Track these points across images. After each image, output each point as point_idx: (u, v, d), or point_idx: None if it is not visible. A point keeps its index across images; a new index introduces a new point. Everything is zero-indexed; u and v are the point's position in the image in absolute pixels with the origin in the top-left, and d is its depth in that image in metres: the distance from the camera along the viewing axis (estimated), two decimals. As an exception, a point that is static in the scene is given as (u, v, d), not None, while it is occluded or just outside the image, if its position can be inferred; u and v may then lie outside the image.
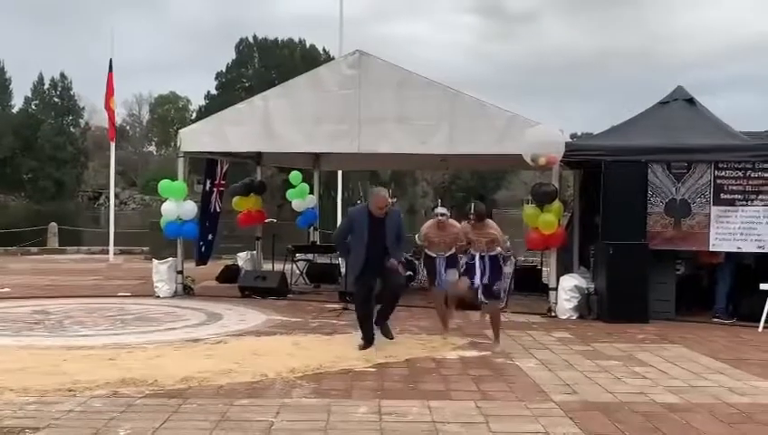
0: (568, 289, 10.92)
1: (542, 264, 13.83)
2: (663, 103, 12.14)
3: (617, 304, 10.45)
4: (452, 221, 9.53)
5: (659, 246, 10.69)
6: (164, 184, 12.85)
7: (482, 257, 8.69)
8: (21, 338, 8.81)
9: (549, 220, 10.89)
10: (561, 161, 11.04)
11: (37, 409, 5.78)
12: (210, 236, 13.89)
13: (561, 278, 11.09)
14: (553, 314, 10.94)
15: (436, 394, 6.42)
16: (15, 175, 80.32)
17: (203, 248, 13.72)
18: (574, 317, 10.80)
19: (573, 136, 18.08)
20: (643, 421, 5.74)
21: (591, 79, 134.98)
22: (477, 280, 8.64)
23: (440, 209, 9.50)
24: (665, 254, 10.79)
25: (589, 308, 10.87)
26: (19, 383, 6.42)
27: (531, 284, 13.33)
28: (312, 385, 6.70)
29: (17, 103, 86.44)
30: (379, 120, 11.64)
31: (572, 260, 12.15)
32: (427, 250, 9.48)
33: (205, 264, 14.00)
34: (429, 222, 9.48)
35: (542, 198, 11.04)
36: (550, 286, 11.33)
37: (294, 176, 15.54)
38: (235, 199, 14.46)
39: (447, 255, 9.35)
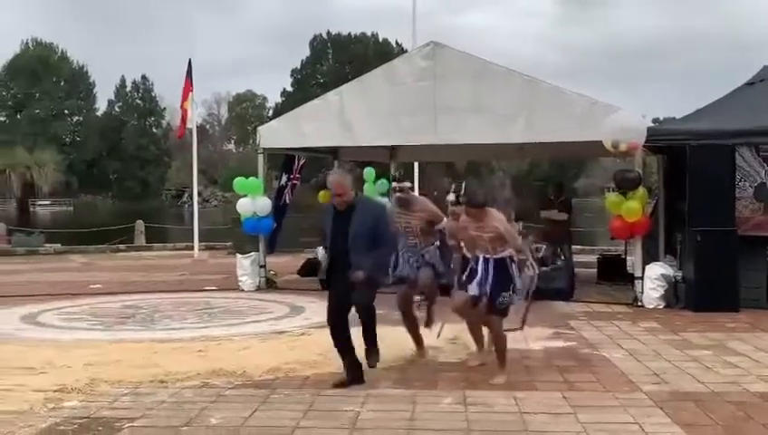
0: (654, 278, 10.67)
1: (626, 253, 13.56)
2: (749, 84, 11.75)
3: (705, 293, 10.15)
4: (420, 198, 7.73)
5: (749, 232, 10.34)
6: (239, 181, 13.12)
7: (486, 260, 6.60)
8: (113, 332, 9.12)
9: (633, 208, 10.66)
10: (643, 147, 10.78)
11: (132, 400, 5.98)
12: (275, 226, 14.03)
13: (647, 267, 10.84)
14: (639, 303, 10.71)
15: (522, 385, 6.38)
16: (102, 176, 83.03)
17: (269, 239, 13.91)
18: (661, 306, 10.55)
19: (655, 121, 17.63)
20: (735, 411, 5.59)
21: (671, 62, 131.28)
22: (474, 288, 6.62)
23: (402, 184, 7.47)
24: (755, 240, 10.44)
25: (676, 297, 10.60)
26: (113, 376, 6.64)
27: (615, 273, 13.08)
28: (396, 376, 6.74)
29: (101, 107, 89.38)
30: (456, 111, 11.58)
31: (658, 248, 11.85)
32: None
33: (271, 253, 14.15)
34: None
35: (626, 185, 10.81)
36: (635, 275, 11.10)
37: (368, 172, 15.61)
38: (322, 193, 14.61)
39: (423, 247, 7.41)
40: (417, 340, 7.50)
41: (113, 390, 6.25)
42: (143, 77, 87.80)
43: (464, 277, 6.78)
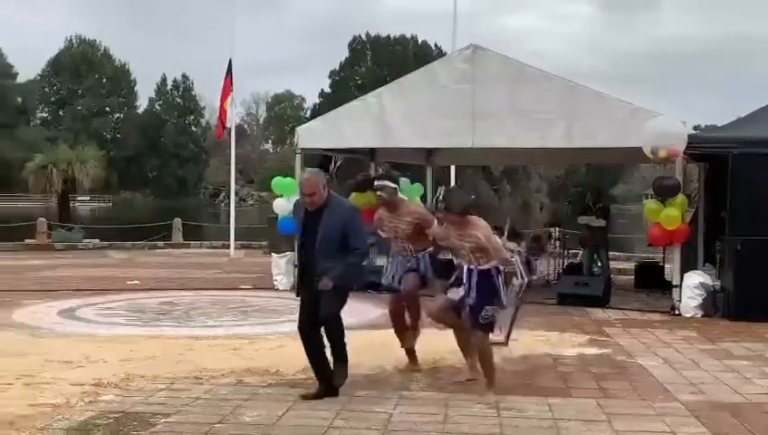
0: (692, 286, 10.52)
1: (663, 260, 13.39)
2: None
3: (745, 302, 10.00)
4: (411, 204, 7.10)
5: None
6: (277, 180, 13.22)
7: (469, 271, 6.16)
8: (150, 328, 9.22)
9: (672, 215, 10.52)
10: (684, 154, 10.64)
11: (167, 395, 6.03)
12: None
13: (686, 275, 10.69)
14: (677, 311, 10.57)
15: (556, 391, 6.33)
16: (141, 173, 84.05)
17: None
18: (699, 315, 10.39)
19: (696, 128, 17.39)
20: (775, 424, 5.49)
21: (713, 69, 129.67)
22: (457, 295, 6.25)
23: (382, 183, 6.87)
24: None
25: (714, 306, 10.44)
26: (149, 371, 6.71)
27: (653, 281, 12.92)
28: (428, 379, 6.73)
29: (142, 104, 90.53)
30: (494, 115, 11.53)
31: (696, 256, 11.69)
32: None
33: None
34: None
35: (665, 192, 10.67)
36: (673, 284, 10.95)
37: (403, 183, 15.57)
38: (353, 195, 14.64)
39: (413, 252, 6.82)
40: (410, 352, 7.04)
41: (149, 385, 6.31)
42: (183, 76, 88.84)
43: (449, 283, 6.40)
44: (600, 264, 13.21)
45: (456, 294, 6.21)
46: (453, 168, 19.12)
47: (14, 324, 9.33)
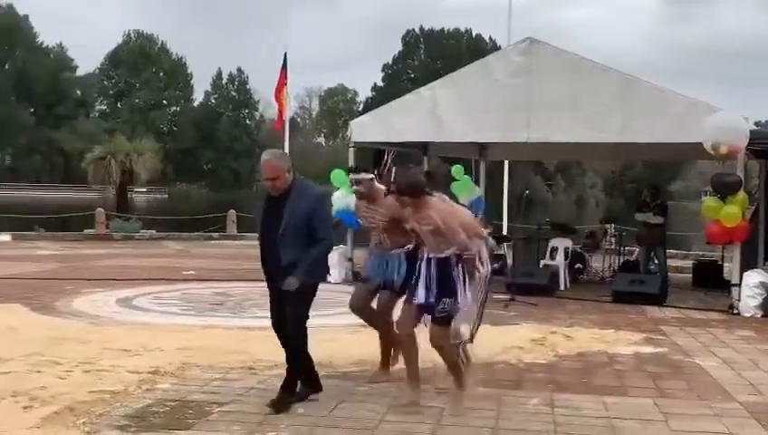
0: (752, 285, 10.27)
1: (722, 259, 13.11)
2: None
3: (808, 303, 9.73)
4: (384, 190, 6.28)
5: None
6: (336, 173, 13.25)
7: (428, 260, 5.50)
8: (204, 318, 9.35)
9: (732, 213, 10.28)
10: (745, 150, 10.39)
11: (221, 385, 6.11)
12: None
13: (745, 274, 10.44)
14: (736, 311, 10.33)
15: (611, 389, 6.24)
16: (196, 165, 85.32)
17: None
18: (759, 315, 10.14)
19: (758, 124, 16.98)
20: (840, 428, 5.33)
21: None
22: (421, 293, 5.48)
23: (358, 176, 6.36)
24: None
25: (775, 306, 10.19)
26: (204, 360, 6.81)
27: (711, 279, 12.67)
28: (481, 375, 6.66)
29: (198, 98, 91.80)
30: (550, 109, 11.39)
31: (757, 255, 11.42)
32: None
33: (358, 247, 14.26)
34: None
35: (725, 189, 10.43)
36: (732, 282, 10.71)
37: (457, 169, 15.53)
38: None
39: (388, 244, 6.21)
40: (385, 356, 6.46)
41: (204, 374, 6.40)
42: (239, 69, 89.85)
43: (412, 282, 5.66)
44: (656, 261, 12.97)
45: (421, 295, 5.47)
46: (506, 163, 18.96)
47: (75, 312, 9.54)
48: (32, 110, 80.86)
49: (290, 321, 5.48)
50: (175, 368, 6.53)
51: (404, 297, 5.75)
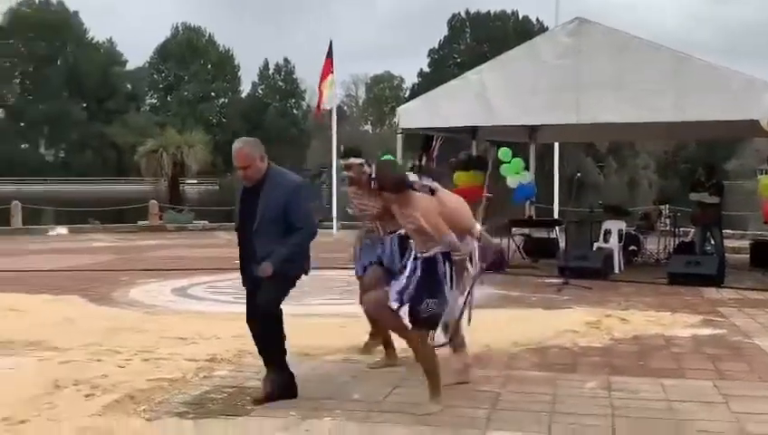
0: (813, 265, 10.02)
1: (780, 238, 12.81)
2: None
3: None
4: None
5: None
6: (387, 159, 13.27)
7: (415, 259, 5.20)
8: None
9: (790, 190, 10.04)
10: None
11: (276, 371, 6.15)
12: None
13: (805, 253, 10.19)
14: (796, 291, 10.10)
15: (669, 372, 6.15)
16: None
17: None
18: (820, 295, 9.90)
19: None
20: None
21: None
22: (395, 289, 5.20)
23: (348, 161, 6.21)
24: None
25: (837, 286, 9.93)
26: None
27: (769, 259, 12.38)
28: (534, 359, 6.64)
29: (245, 89, 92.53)
30: (600, 89, 11.21)
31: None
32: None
33: None
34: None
35: (783, 167, 10.18)
36: (791, 262, 10.46)
37: (504, 152, 15.40)
38: (457, 174, 14.56)
39: (381, 232, 6.11)
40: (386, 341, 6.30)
41: (259, 361, 6.38)
42: (285, 60, 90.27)
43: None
44: (713, 242, 12.72)
45: (399, 284, 5.17)
46: (557, 145, 18.77)
47: (131, 302, 9.72)
48: (83, 105, 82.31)
49: (260, 305, 5.22)
50: (231, 355, 6.61)
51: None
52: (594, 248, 12.60)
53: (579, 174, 15.89)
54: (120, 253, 15.91)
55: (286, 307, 5.58)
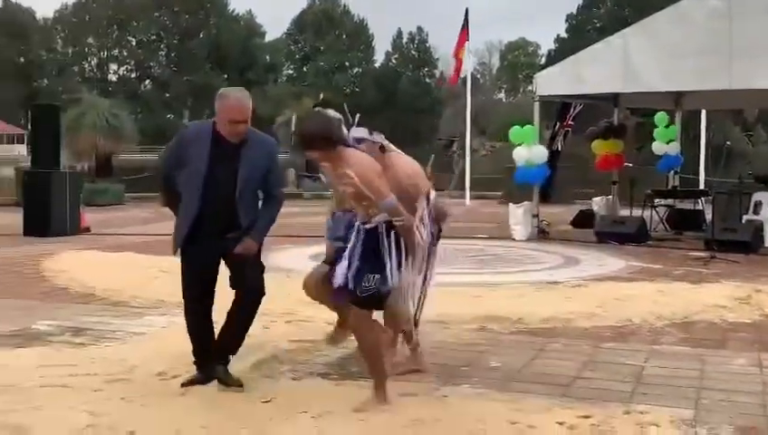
0: None
1: None
2: None
3: None
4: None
5: None
6: (515, 130, 13.09)
7: (357, 231, 4.50)
8: (394, 273, 9.54)
9: None
10: None
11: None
12: (550, 172, 13.99)
13: None
14: None
15: (831, 351, 5.79)
16: (378, 125, 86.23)
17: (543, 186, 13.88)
18: None
19: None
20: None
21: None
22: (339, 268, 4.44)
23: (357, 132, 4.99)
24: None
25: None
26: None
27: None
28: (680, 334, 6.41)
29: (379, 59, 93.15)
30: (755, 52, 10.60)
31: None
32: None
33: (546, 201, 14.18)
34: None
35: None
36: None
37: (660, 118, 14.86)
38: (595, 143, 14.19)
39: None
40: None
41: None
42: (419, 28, 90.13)
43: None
44: None
45: (339, 272, 4.44)
46: (703, 112, 17.91)
47: (272, 267, 9.95)
48: (225, 76, 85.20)
49: (255, 288, 4.87)
50: (370, 319, 6.71)
51: None
52: (743, 221, 12.00)
53: (728, 143, 15.12)
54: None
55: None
